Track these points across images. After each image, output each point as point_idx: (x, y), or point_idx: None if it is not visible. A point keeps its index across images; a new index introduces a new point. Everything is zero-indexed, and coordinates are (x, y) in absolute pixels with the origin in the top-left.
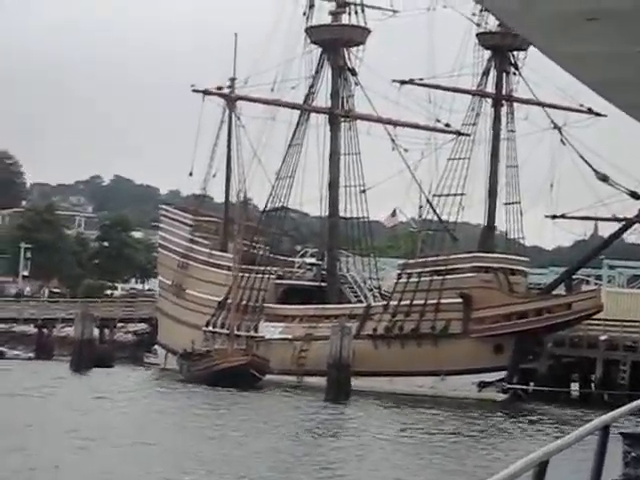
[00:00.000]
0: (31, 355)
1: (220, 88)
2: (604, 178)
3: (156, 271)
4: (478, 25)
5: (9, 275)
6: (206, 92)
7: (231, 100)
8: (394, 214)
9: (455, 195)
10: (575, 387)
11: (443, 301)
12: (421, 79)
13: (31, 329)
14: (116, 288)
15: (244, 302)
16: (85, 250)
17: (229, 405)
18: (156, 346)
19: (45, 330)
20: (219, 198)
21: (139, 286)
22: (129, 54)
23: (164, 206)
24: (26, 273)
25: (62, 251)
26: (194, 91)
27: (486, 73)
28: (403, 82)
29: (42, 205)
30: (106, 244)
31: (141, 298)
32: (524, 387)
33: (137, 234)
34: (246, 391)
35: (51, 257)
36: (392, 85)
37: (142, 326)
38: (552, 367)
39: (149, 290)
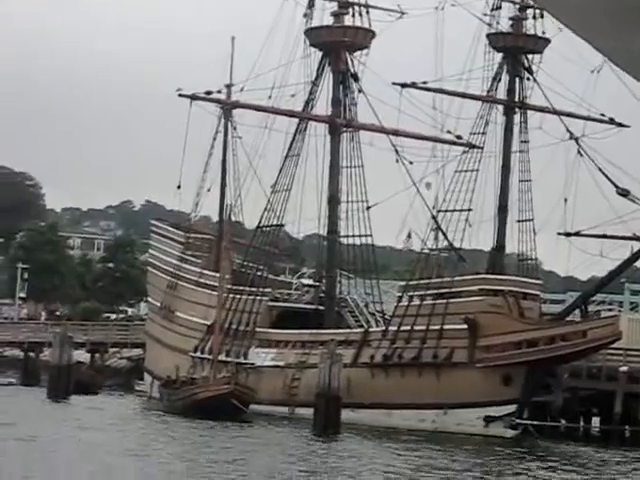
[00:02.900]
0: (12, 381)
1: (209, 93)
2: (625, 193)
3: None
4: (489, 25)
5: (8, 297)
6: (193, 97)
7: (227, 107)
8: (409, 236)
9: (461, 211)
10: (594, 422)
11: (447, 327)
12: (425, 82)
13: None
14: (114, 312)
15: (234, 326)
16: (89, 272)
17: (197, 441)
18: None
19: (32, 354)
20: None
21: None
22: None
23: (154, 222)
24: (23, 295)
25: (63, 272)
26: (180, 95)
27: (497, 77)
28: (404, 85)
29: (44, 225)
30: (111, 265)
31: (137, 322)
32: (536, 422)
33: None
34: (226, 424)
35: (51, 278)
36: (395, 90)
37: (137, 351)
38: (568, 401)
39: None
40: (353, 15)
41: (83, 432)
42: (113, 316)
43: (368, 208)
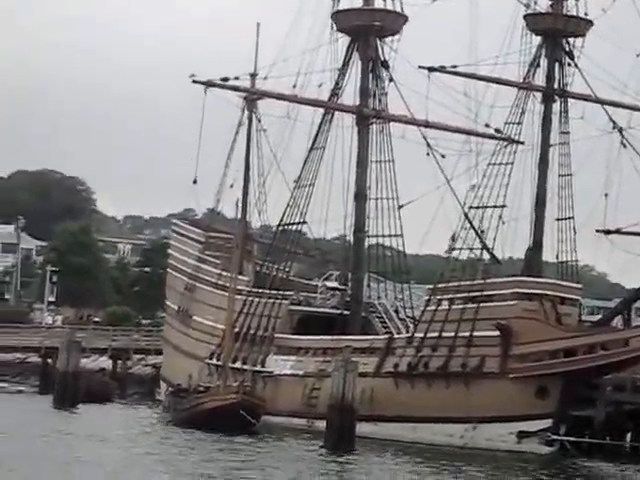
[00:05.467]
0: (21, 389)
1: (226, 79)
2: None
3: None
4: (527, 6)
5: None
6: (208, 84)
7: (249, 97)
8: (454, 239)
9: (495, 207)
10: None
11: (477, 333)
12: (454, 66)
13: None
14: (145, 317)
15: (252, 331)
16: (125, 276)
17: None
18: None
19: (50, 360)
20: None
21: None
22: None
23: (176, 221)
24: (52, 299)
25: (98, 276)
26: (194, 82)
27: (535, 63)
28: (432, 69)
29: (76, 226)
30: (147, 270)
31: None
32: (574, 439)
33: None
34: (232, 436)
35: (84, 282)
36: (424, 75)
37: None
38: (611, 415)
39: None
40: None
41: (54, 444)
42: (145, 322)
43: (400, 207)
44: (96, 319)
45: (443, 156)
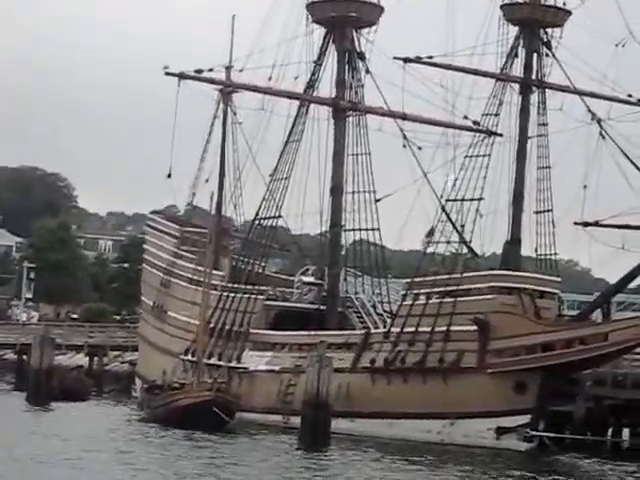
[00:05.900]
0: None
1: (199, 71)
2: None
3: None
4: None
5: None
6: (182, 76)
7: (223, 89)
8: (431, 233)
9: (472, 200)
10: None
11: (454, 328)
12: (430, 57)
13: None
14: (120, 313)
15: (227, 327)
16: (104, 272)
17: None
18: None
19: (25, 357)
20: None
21: None
22: None
23: (151, 215)
24: (29, 295)
25: (76, 273)
26: (167, 74)
27: (513, 53)
28: (407, 60)
29: (54, 223)
30: (126, 266)
31: None
32: (554, 435)
33: None
34: (205, 434)
35: (61, 279)
36: (400, 66)
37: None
38: (591, 411)
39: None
40: None
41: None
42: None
43: (377, 201)
44: (74, 316)
45: (420, 148)
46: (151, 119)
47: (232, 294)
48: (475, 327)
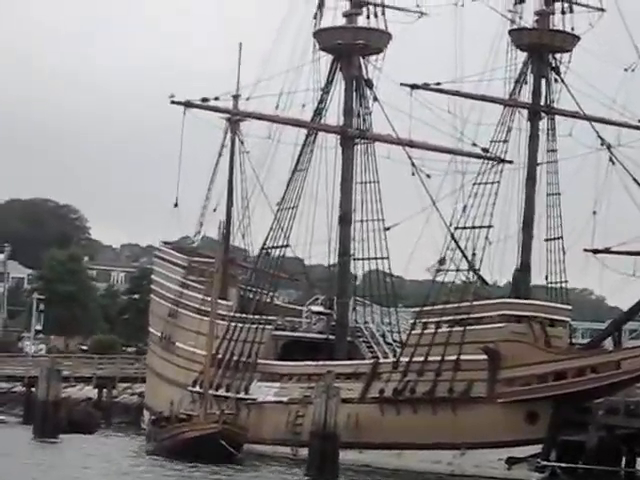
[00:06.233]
0: (3, 418)
1: (206, 100)
2: None
3: None
4: (512, 22)
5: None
6: (188, 104)
7: (232, 119)
8: (442, 262)
9: (481, 227)
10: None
11: (464, 357)
12: (438, 84)
13: None
14: (130, 345)
15: (235, 357)
16: (114, 304)
17: None
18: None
19: (33, 390)
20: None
21: None
22: None
23: (159, 246)
24: (39, 327)
25: (86, 304)
26: (173, 102)
27: (521, 79)
28: (415, 87)
29: (65, 254)
30: (136, 297)
31: None
32: (565, 465)
33: None
34: (212, 466)
35: (72, 310)
36: (408, 93)
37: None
38: (604, 440)
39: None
40: (368, 16)
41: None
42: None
43: (387, 229)
44: (84, 347)
45: (429, 176)
46: (166, 150)
47: (240, 324)
48: (485, 356)
